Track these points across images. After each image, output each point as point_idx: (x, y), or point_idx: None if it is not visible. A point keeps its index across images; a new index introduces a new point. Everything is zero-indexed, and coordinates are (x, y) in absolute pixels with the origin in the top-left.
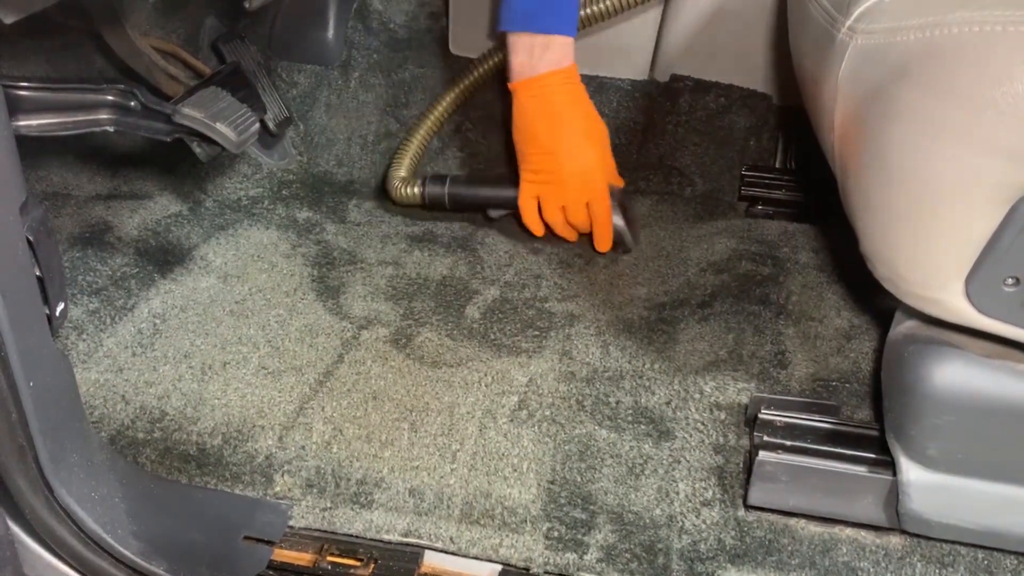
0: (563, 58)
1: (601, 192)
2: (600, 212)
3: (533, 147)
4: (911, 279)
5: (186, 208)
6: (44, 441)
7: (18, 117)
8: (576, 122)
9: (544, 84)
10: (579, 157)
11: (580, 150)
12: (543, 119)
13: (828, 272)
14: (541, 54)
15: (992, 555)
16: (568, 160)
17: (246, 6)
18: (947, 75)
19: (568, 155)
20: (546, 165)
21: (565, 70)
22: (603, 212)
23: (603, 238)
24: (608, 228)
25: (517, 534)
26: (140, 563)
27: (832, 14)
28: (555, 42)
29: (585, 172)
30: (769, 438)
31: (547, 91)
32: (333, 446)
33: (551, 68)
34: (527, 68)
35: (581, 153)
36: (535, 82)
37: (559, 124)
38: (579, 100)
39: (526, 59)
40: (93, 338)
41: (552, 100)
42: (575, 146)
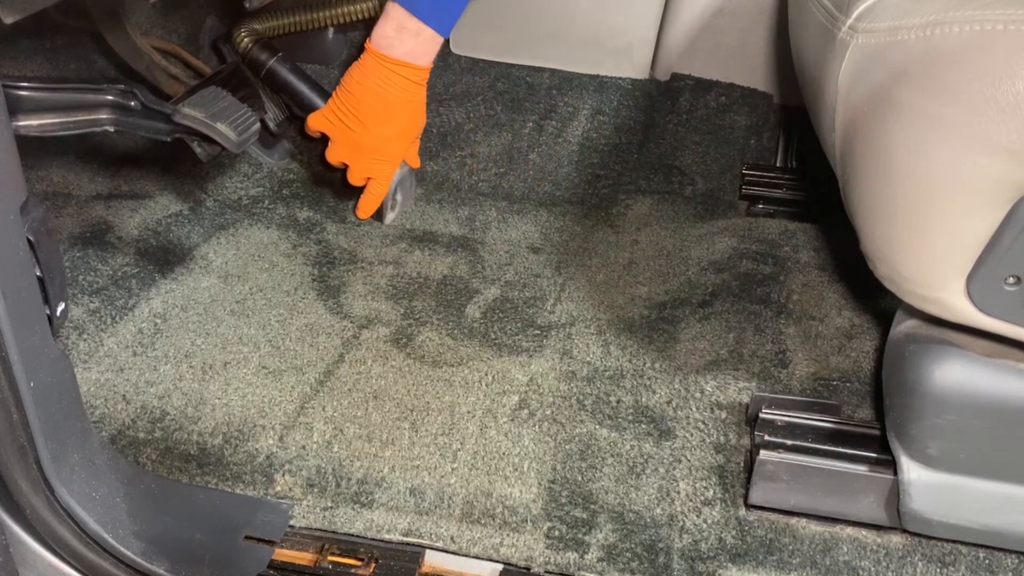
0: (423, 54)
1: (387, 174)
2: (374, 188)
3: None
4: (912, 278)
5: (187, 208)
6: (45, 441)
7: (18, 117)
8: (400, 118)
9: (394, 67)
10: (384, 148)
11: (389, 143)
12: (375, 96)
13: (829, 271)
14: (408, 38)
15: (993, 554)
16: (372, 142)
17: (246, 6)
18: (948, 74)
19: (375, 140)
20: (351, 122)
21: (420, 69)
22: (376, 190)
23: (366, 208)
24: (374, 203)
25: (518, 533)
26: (141, 563)
27: (833, 13)
28: (425, 34)
29: (381, 159)
30: (770, 437)
31: (392, 76)
32: (334, 445)
33: (407, 59)
34: (389, 44)
35: (387, 147)
36: (387, 60)
37: (386, 110)
38: (415, 99)
39: (393, 34)
40: (94, 338)
41: (391, 86)
42: (387, 137)
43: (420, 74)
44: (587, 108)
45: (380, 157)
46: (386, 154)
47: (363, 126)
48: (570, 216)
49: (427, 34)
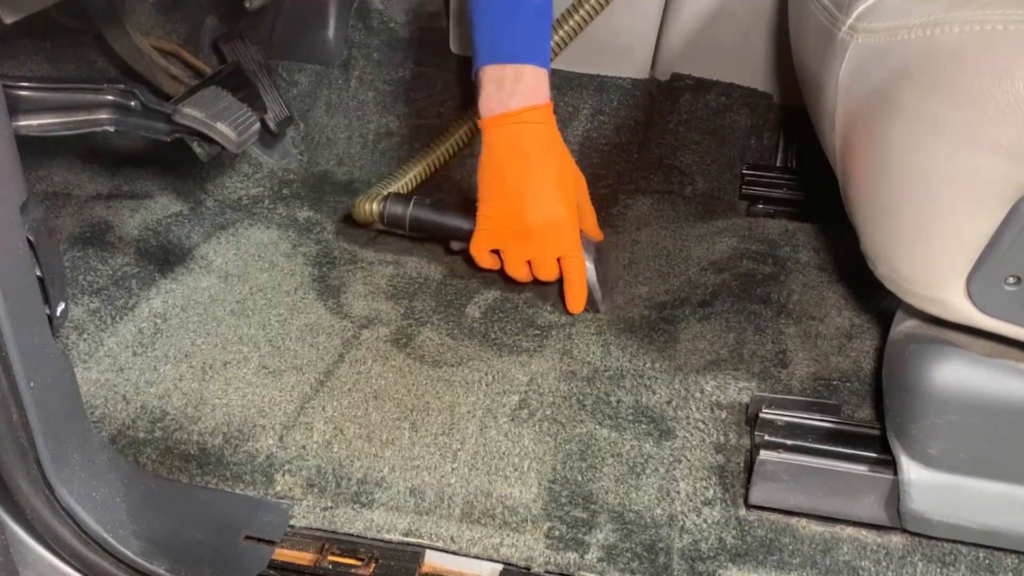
0: (536, 92)
1: (573, 247)
2: (573, 269)
3: (497, 189)
4: (912, 278)
5: (187, 208)
6: (45, 441)
7: (18, 117)
8: (549, 166)
9: (516, 121)
10: (549, 206)
11: (551, 198)
12: (512, 160)
13: (829, 271)
14: (512, 87)
15: (993, 554)
16: (536, 208)
17: (246, 6)
18: (948, 74)
19: (537, 202)
20: (508, 211)
21: (540, 108)
22: (576, 270)
23: (576, 298)
24: (582, 287)
25: (518, 533)
26: (141, 563)
27: (833, 13)
28: (526, 73)
29: (555, 223)
30: (770, 437)
31: (519, 129)
32: (334, 445)
33: (524, 103)
34: (496, 101)
35: (552, 201)
36: (506, 118)
37: (529, 166)
38: (553, 143)
39: (495, 91)
40: (94, 338)
41: (524, 139)
42: (546, 193)
43: (543, 113)
44: (587, 108)
45: (555, 226)
46: (559, 219)
47: (520, 202)
48: None
49: (528, 72)
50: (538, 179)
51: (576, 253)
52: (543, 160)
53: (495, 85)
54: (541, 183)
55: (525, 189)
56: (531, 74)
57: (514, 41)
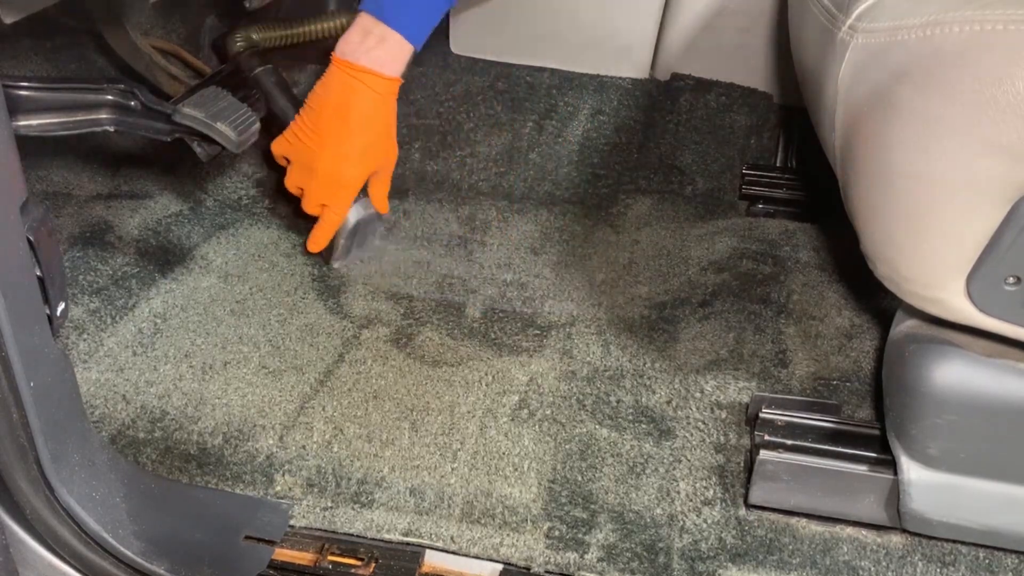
0: (390, 63)
1: (340, 204)
2: (327, 218)
3: (313, 120)
4: (912, 278)
5: (187, 208)
6: (45, 441)
7: (18, 117)
8: (364, 132)
9: (357, 76)
10: (342, 164)
11: (348, 159)
12: (337, 107)
13: (829, 271)
14: (373, 44)
15: (993, 554)
16: (331, 159)
17: (246, 5)
18: (948, 74)
19: (334, 155)
20: (310, 142)
21: (385, 79)
22: (329, 221)
23: (315, 240)
24: (326, 235)
25: (518, 533)
26: (141, 563)
27: (833, 13)
28: (391, 39)
29: (337, 179)
30: (770, 437)
31: (356, 85)
32: (334, 445)
33: (372, 66)
34: (352, 48)
35: (347, 162)
36: (351, 67)
37: (348, 123)
38: (380, 114)
39: (357, 39)
40: (94, 338)
41: (356, 96)
42: (346, 152)
43: (387, 85)
44: (587, 108)
45: (335, 181)
46: (342, 177)
47: (321, 142)
48: (570, 216)
49: (393, 40)
50: (348, 137)
51: (339, 208)
52: (362, 124)
53: (361, 33)
54: (348, 141)
55: (332, 138)
56: (396, 44)
57: (399, 3)
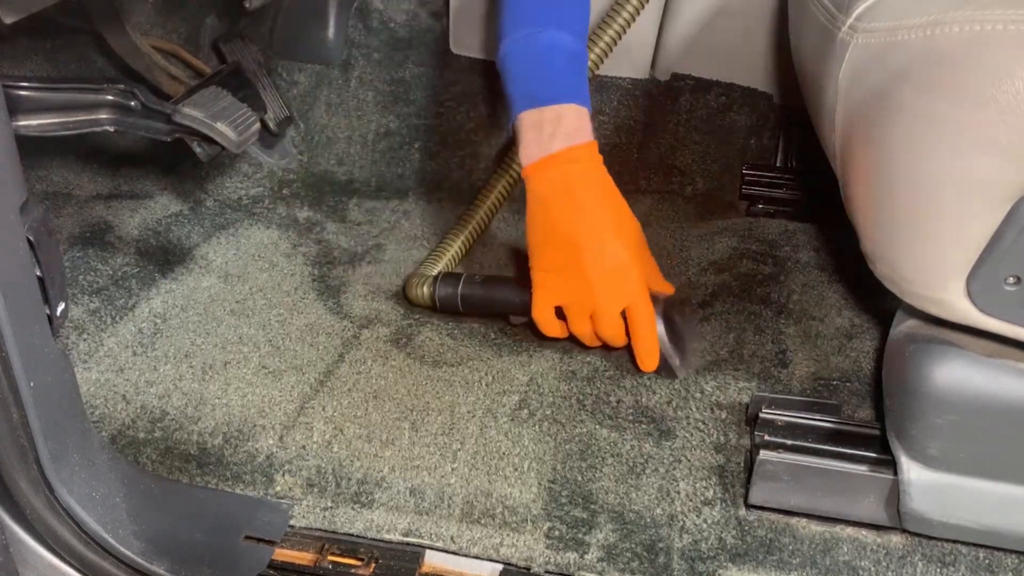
0: (579, 132)
1: (640, 296)
2: (641, 322)
3: (551, 241)
4: (912, 278)
5: (187, 208)
6: (45, 441)
7: (18, 117)
8: (604, 208)
9: (562, 162)
10: (610, 251)
11: (610, 241)
12: (563, 204)
13: (829, 271)
14: (553, 129)
15: (993, 554)
16: (596, 253)
17: (246, 5)
18: (948, 74)
19: (597, 248)
20: (567, 261)
21: (585, 146)
22: (644, 322)
23: (648, 354)
24: (653, 341)
25: (518, 533)
26: (141, 563)
27: (833, 13)
28: (566, 113)
29: (619, 269)
30: (770, 437)
31: (566, 170)
32: (334, 445)
33: (567, 143)
34: (537, 146)
35: (611, 245)
36: (551, 161)
37: (583, 209)
38: (605, 183)
39: (535, 137)
40: (94, 338)
41: (573, 181)
42: (604, 236)
43: (589, 151)
44: None
45: (618, 274)
46: (619, 263)
47: (575, 245)
48: None
49: (567, 111)
50: (594, 222)
51: (642, 301)
52: (597, 201)
53: (535, 131)
54: (598, 226)
55: (580, 234)
56: (572, 113)
57: (550, 84)
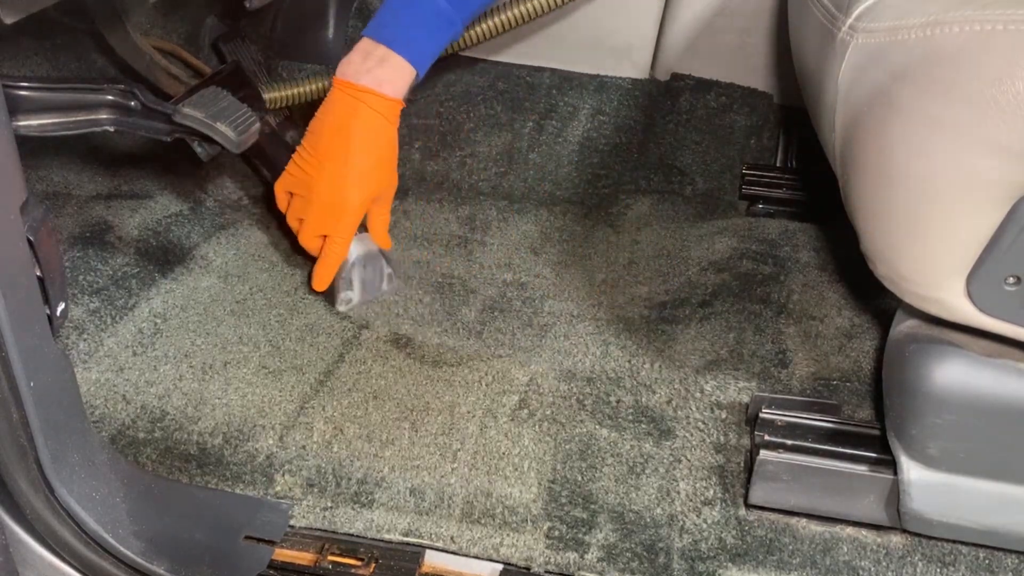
0: (390, 83)
1: (342, 231)
2: (329, 250)
3: (313, 146)
4: (912, 278)
5: (187, 208)
6: (45, 441)
7: (18, 117)
8: (365, 154)
9: (357, 96)
10: (342, 186)
11: (348, 181)
12: (337, 129)
13: (829, 271)
14: (373, 65)
15: (993, 554)
16: (330, 182)
17: (247, 5)
18: (948, 74)
19: (333, 178)
20: (312, 170)
21: (386, 99)
22: (332, 252)
23: (320, 276)
24: (330, 269)
25: (518, 533)
26: (141, 563)
27: (833, 13)
28: (392, 61)
29: (337, 203)
30: (770, 437)
31: (357, 106)
32: (334, 445)
33: (372, 85)
34: (353, 69)
35: (346, 185)
36: (352, 88)
37: (348, 144)
38: (381, 136)
39: (358, 60)
40: (94, 338)
41: (356, 117)
42: (346, 174)
43: (388, 106)
44: (587, 108)
45: (336, 205)
46: (344, 201)
47: (319, 165)
48: (570, 216)
49: (394, 60)
50: (348, 158)
51: (341, 237)
52: (363, 146)
53: (361, 56)
54: (348, 163)
55: (332, 160)
56: (397, 64)
57: (400, 28)
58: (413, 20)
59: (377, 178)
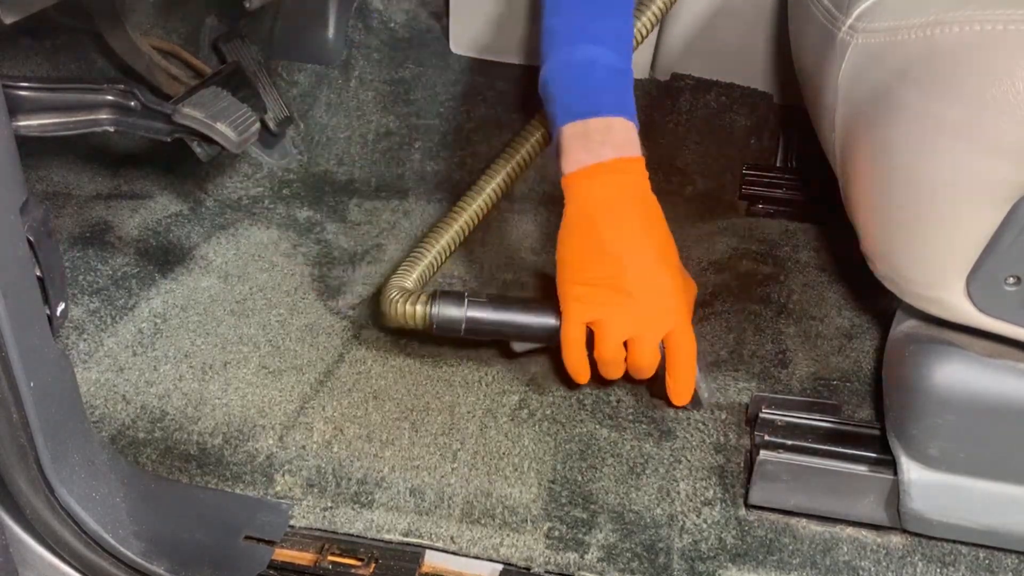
0: (629, 144)
1: (684, 323)
2: (682, 352)
3: (590, 254)
4: (912, 278)
5: (186, 208)
6: (45, 441)
7: (18, 117)
8: (653, 226)
9: (613, 171)
10: (657, 271)
11: (658, 263)
12: (609, 216)
13: (829, 271)
14: (602, 138)
15: (993, 554)
16: (642, 272)
17: (246, 5)
18: (948, 74)
19: (643, 266)
20: (608, 277)
21: (635, 160)
22: (686, 352)
23: (685, 387)
24: (691, 374)
25: (518, 533)
26: (141, 563)
27: (833, 13)
28: (615, 125)
29: (665, 292)
30: (770, 437)
31: (617, 179)
32: (334, 445)
33: (619, 154)
34: (586, 153)
35: (659, 267)
36: (600, 169)
37: (631, 223)
38: (654, 203)
39: (581, 145)
40: (94, 338)
41: (623, 192)
42: (651, 255)
43: (639, 166)
44: None
45: (661, 293)
46: (665, 285)
47: (618, 260)
48: None
49: (617, 123)
50: (642, 238)
51: (687, 329)
52: (646, 217)
53: (581, 140)
54: (645, 243)
55: (626, 249)
56: (620, 126)
57: (595, 96)
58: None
59: (671, 246)
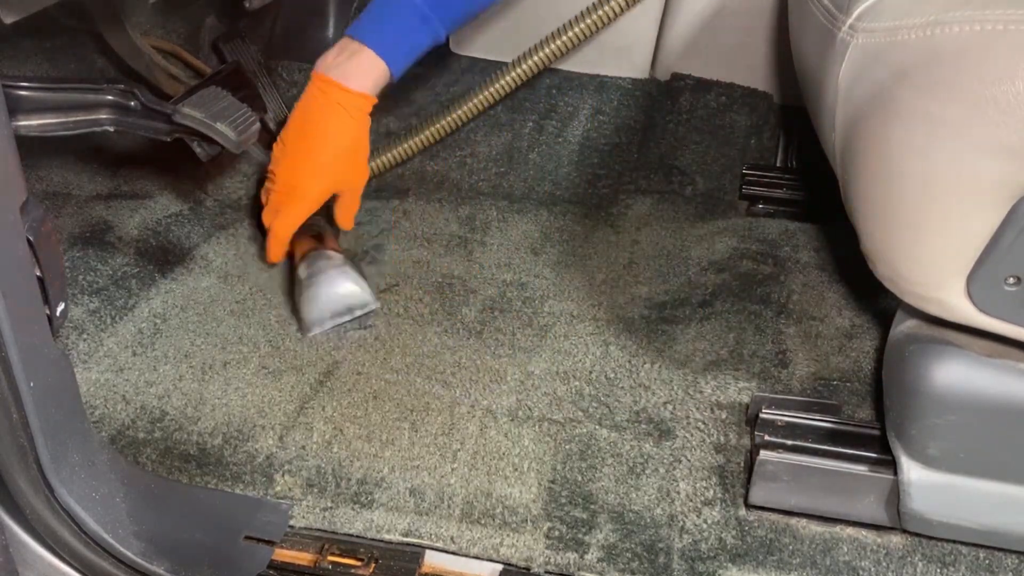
0: (357, 76)
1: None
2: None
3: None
4: (912, 278)
5: (186, 208)
6: (45, 441)
7: (18, 117)
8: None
9: (323, 88)
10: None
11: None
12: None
13: (829, 271)
14: (344, 60)
15: (993, 554)
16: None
17: (246, 6)
18: (948, 74)
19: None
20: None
21: (352, 94)
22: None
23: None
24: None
25: (518, 533)
26: (141, 563)
27: (833, 13)
28: (363, 56)
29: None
30: (770, 437)
31: (320, 98)
32: (334, 446)
33: (339, 79)
34: (326, 65)
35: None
36: (318, 79)
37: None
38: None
39: (333, 56)
40: (94, 338)
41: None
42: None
43: (353, 100)
44: (587, 108)
45: (289, 192)
46: (296, 190)
47: (283, 152)
48: (570, 216)
49: (364, 55)
50: (306, 148)
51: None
52: (323, 138)
53: (337, 51)
54: (305, 152)
55: (292, 147)
56: (366, 59)
57: (376, 25)
58: (388, 18)
59: (336, 170)
